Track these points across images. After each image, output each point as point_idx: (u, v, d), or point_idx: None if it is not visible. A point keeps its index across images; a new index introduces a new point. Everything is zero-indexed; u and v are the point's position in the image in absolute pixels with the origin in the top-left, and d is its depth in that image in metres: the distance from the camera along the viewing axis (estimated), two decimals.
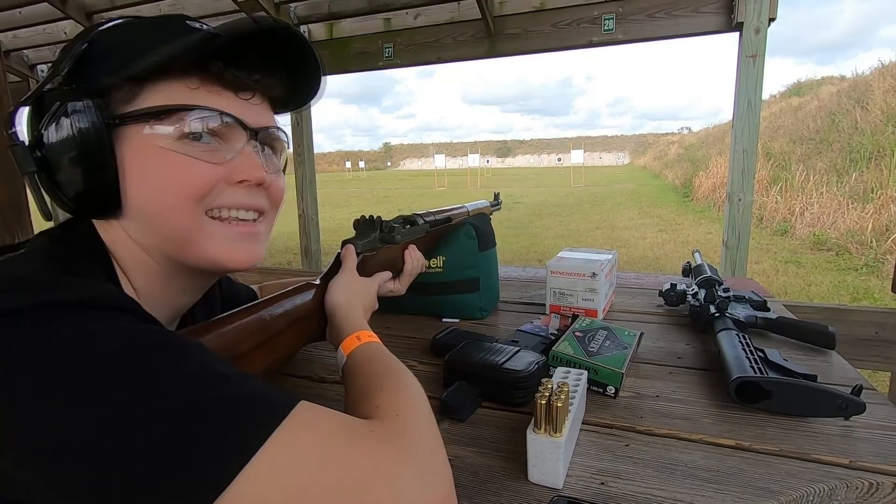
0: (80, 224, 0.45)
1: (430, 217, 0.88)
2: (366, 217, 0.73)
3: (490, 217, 1.08)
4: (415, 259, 0.80)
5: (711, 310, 0.82)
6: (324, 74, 0.51)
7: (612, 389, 0.63)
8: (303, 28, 3.15)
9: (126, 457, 0.27)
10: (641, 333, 0.77)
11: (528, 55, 2.90)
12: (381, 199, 12.76)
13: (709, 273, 0.96)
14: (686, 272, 1.14)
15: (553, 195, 12.13)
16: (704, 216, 7.44)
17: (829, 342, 0.76)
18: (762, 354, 0.65)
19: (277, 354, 0.55)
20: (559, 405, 0.46)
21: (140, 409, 0.28)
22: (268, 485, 0.29)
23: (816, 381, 0.59)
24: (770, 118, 10.11)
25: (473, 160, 22.82)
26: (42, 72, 3.91)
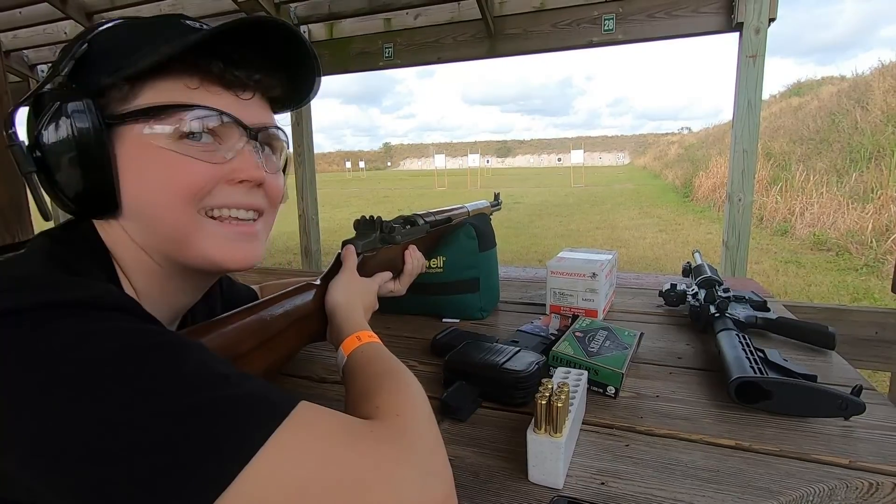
0: (81, 224, 0.45)
1: (431, 217, 0.88)
2: (366, 217, 0.73)
3: (490, 217, 1.08)
4: (415, 259, 0.80)
5: (711, 310, 0.82)
6: (318, 75, 0.51)
7: (612, 389, 0.64)
8: (303, 28, 3.15)
9: (126, 457, 0.27)
10: (641, 333, 0.77)
11: (528, 55, 2.89)
12: (381, 200, 12.76)
13: (709, 273, 0.96)
14: (686, 272, 1.14)
15: (553, 195, 12.13)
16: (704, 216, 7.44)
17: (829, 342, 0.76)
18: (762, 355, 0.65)
19: (278, 354, 0.55)
20: (559, 405, 0.46)
21: (140, 409, 0.28)
22: (268, 485, 0.29)
23: (816, 382, 0.59)
24: (770, 118, 10.11)
25: (473, 160, 22.82)
26: (42, 72, 3.91)
